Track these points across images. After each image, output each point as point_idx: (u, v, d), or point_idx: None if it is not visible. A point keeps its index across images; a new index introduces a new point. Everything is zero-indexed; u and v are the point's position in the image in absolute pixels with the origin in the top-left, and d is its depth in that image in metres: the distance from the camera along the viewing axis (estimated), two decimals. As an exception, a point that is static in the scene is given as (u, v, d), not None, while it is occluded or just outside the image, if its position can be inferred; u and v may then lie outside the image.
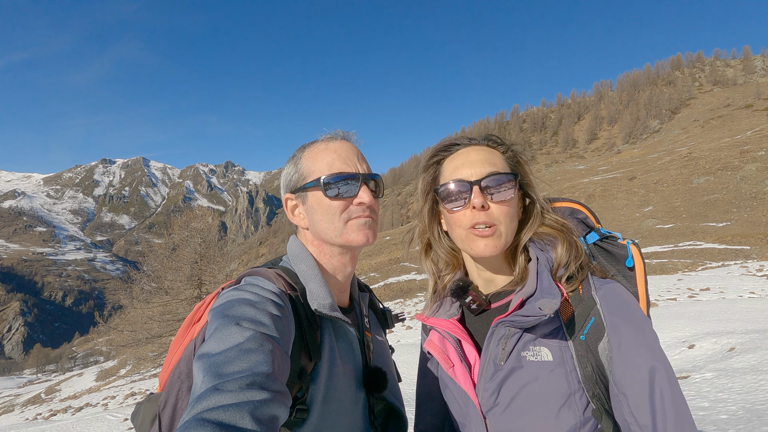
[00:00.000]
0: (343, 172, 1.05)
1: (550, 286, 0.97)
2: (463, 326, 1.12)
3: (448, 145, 1.11)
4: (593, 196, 53.28)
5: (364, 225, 1.06)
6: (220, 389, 0.66)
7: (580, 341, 0.95)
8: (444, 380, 1.13)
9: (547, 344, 0.97)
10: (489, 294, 1.11)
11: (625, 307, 0.96)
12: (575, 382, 0.94)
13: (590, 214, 1.14)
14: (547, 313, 0.91)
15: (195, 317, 1.05)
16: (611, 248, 1.08)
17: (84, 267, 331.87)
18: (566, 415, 0.93)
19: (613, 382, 0.92)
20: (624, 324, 0.93)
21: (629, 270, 1.05)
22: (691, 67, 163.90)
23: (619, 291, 0.99)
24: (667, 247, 30.23)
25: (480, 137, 1.10)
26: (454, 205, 1.04)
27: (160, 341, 16.17)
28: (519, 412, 0.97)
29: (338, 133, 1.13)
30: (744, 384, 5.01)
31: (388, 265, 43.61)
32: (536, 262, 1.03)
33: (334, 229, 1.06)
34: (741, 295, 12.88)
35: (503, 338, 0.99)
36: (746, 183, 43.54)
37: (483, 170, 1.03)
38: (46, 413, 15.94)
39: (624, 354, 0.91)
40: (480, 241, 1.01)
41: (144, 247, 27.73)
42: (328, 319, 1.05)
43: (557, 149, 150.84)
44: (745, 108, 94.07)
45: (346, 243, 1.06)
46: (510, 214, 1.03)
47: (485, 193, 1.01)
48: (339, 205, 1.05)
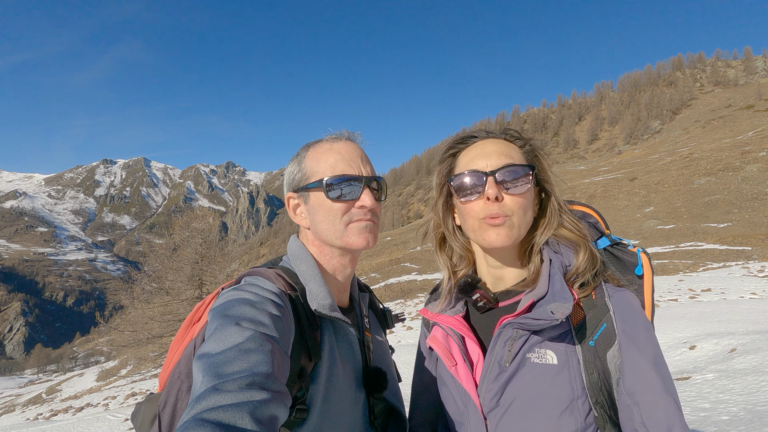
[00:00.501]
0: (345, 174, 1.04)
1: (563, 290, 0.95)
2: (467, 323, 1.10)
3: (465, 137, 1.09)
4: (594, 196, 53.21)
5: (365, 228, 1.05)
6: (219, 389, 0.66)
7: (589, 347, 0.94)
8: (443, 378, 1.11)
9: (554, 347, 0.95)
10: (497, 292, 1.09)
11: (639, 316, 0.95)
12: (579, 388, 0.92)
13: (600, 218, 1.13)
14: (559, 318, 0.89)
15: (195, 317, 1.05)
16: (621, 255, 1.06)
17: (85, 267, 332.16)
18: (568, 420, 0.92)
19: (625, 392, 0.90)
20: (637, 334, 0.93)
21: (638, 278, 1.03)
22: (692, 67, 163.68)
23: (632, 300, 0.98)
24: (668, 248, 30.19)
25: (498, 131, 1.08)
26: (468, 197, 1.02)
27: (160, 341, 16.18)
28: (520, 414, 0.96)
29: (343, 134, 1.12)
30: (745, 385, 5.00)
31: (388, 265, 43.61)
32: (549, 264, 1.01)
33: (335, 231, 1.05)
34: (742, 296, 12.87)
35: (510, 339, 0.97)
36: (747, 184, 43.48)
37: (499, 162, 1.00)
38: (47, 413, 15.95)
39: (637, 364, 0.90)
40: (492, 230, 0.99)
41: (145, 248, 27.66)
42: (328, 319, 1.05)
43: (558, 150, 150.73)
44: (747, 109, 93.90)
45: (346, 246, 1.06)
46: (524, 206, 1.01)
47: (500, 185, 0.99)
48: (340, 208, 1.04)
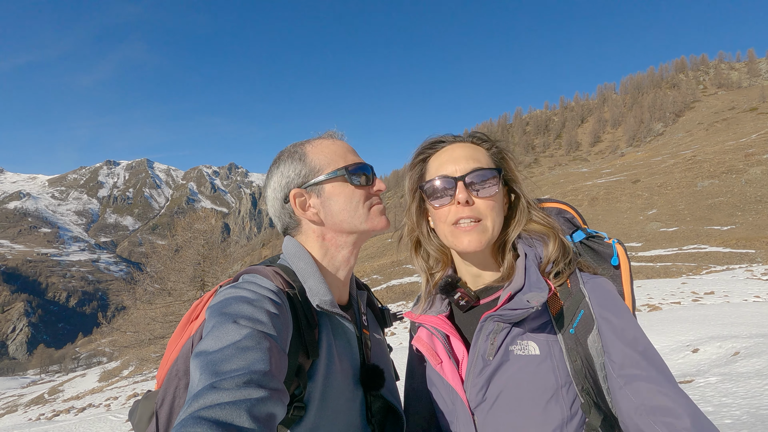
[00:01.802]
0: (361, 163, 1.12)
1: (538, 281, 0.98)
2: (451, 323, 1.12)
3: (434, 142, 1.12)
4: (597, 198, 53.10)
5: (383, 211, 1.12)
6: (217, 387, 0.66)
7: (570, 335, 0.96)
8: (431, 378, 1.13)
9: (535, 338, 0.97)
10: (478, 290, 1.11)
11: (614, 299, 0.98)
12: (563, 376, 0.94)
13: (577, 214, 1.16)
14: (534, 306, 0.92)
15: (192, 315, 1.05)
16: (597, 247, 1.09)
17: (88, 268, 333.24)
18: (554, 409, 0.93)
19: (612, 367, 0.91)
20: (612, 315, 0.94)
21: (615, 268, 1.06)
22: (695, 69, 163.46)
23: (607, 285, 1.00)
24: (671, 251, 30.08)
25: (465, 135, 1.11)
26: (440, 201, 1.06)
27: (162, 342, 16.21)
28: (506, 407, 0.97)
29: (335, 133, 1.17)
30: (749, 389, 4.97)
31: (390, 267, 43.59)
32: (524, 257, 1.03)
33: (359, 216, 1.09)
34: (746, 299, 12.79)
35: (492, 333, 0.99)
36: (751, 186, 43.30)
37: (467, 166, 1.04)
38: (50, 413, 15.99)
39: (617, 337, 0.92)
40: (464, 236, 1.02)
41: (147, 249, 27.65)
42: (326, 316, 1.06)
43: (560, 152, 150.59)
44: (750, 111, 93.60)
45: (371, 228, 1.10)
46: (495, 208, 1.04)
47: (470, 189, 1.02)
48: (362, 193, 1.09)
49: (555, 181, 75.63)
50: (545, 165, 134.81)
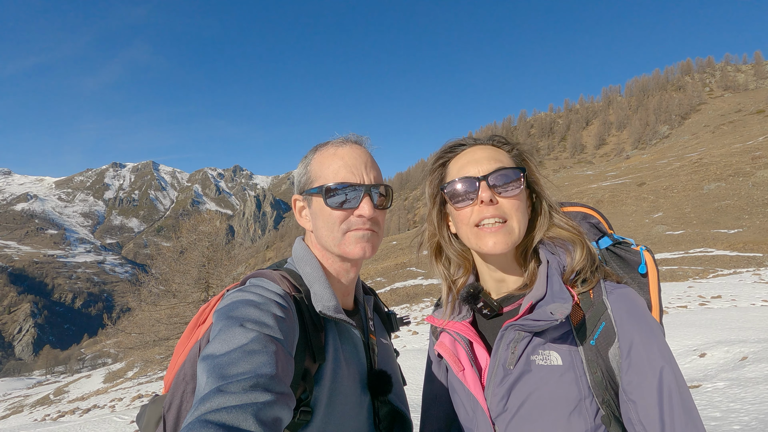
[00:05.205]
0: (345, 182, 1.04)
1: (561, 290, 0.96)
2: (475, 329, 1.10)
3: (453, 145, 1.10)
4: (602, 201, 52.80)
5: (362, 238, 1.05)
6: (223, 391, 0.66)
7: (590, 346, 0.93)
8: (453, 384, 1.11)
9: (557, 348, 0.95)
10: (500, 298, 1.09)
11: (637, 312, 0.94)
12: (585, 388, 0.92)
13: (602, 219, 1.13)
14: (558, 318, 0.90)
15: (200, 319, 1.05)
16: (624, 254, 1.06)
17: (93, 269, 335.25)
18: (577, 421, 0.91)
19: (623, 389, 0.90)
20: (635, 330, 0.91)
21: (642, 276, 1.03)
22: (701, 72, 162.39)
23: (631, 296, 0.97)
24: (677, 254, 29.82)
25: (485, 137, 1.09)
26: (462, 203, 1.03)
27: (167, 344, 16.28)
28: (528, 417, 0.95)
29: (350, 137, 1.11)
30: (757, 394, 4.91)
31: (394, 269, 43.52)
32: (546, 265, 1.01)
33: (333, 239, 1.05)
34: (753, 303, 12.65)
35: (513, 342, 0.97)
36: (758, 189, 42.91)
37: (490, 166, 1.02)
38: (55, 414, 16.09)
39: (633, 360, 0.89)
40: (489, 237, 0.99)
41: (152, 250, 28.03)
42: (332, 321, 1.05)
43: (565, 154, 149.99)
44: (757, 113, 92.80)
45: (343, 254, 1.06)
46: (521, 209, 1.02)
47: (493, 189, 1.00)
48: (339, 216, 1.04)
49: (560, 184, 74.83)
50: (550, 168, 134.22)
